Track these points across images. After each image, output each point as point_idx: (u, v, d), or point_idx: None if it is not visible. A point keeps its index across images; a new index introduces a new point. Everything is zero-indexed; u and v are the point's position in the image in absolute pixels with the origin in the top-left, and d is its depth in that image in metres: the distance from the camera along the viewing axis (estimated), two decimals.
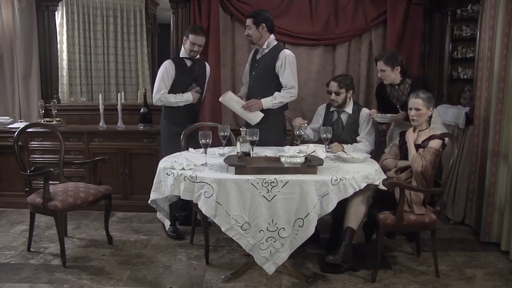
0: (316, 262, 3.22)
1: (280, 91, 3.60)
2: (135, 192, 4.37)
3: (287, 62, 3.56)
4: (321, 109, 3.79)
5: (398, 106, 3.56)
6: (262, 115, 3.60)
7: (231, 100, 3.66)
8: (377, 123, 3.69)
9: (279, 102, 3.60)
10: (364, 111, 3.64)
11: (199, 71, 3.89)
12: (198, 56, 3.84)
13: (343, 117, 3.65)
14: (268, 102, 3.59)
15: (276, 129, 3.70)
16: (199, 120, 3.95)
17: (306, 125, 3.51)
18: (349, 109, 3.63)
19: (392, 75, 3.52)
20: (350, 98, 3.63)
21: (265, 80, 3.64)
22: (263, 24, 3.59)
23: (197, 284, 2.92)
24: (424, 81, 3.79)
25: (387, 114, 3.52)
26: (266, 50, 3.65)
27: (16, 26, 4.64)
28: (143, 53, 6.16)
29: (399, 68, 3.50)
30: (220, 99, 3.71)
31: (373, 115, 3.57)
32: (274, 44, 3.66)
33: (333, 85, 3.57)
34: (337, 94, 3.56)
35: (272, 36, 3.67)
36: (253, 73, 3.75)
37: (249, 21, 3.63)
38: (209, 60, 4.55)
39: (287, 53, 3.59)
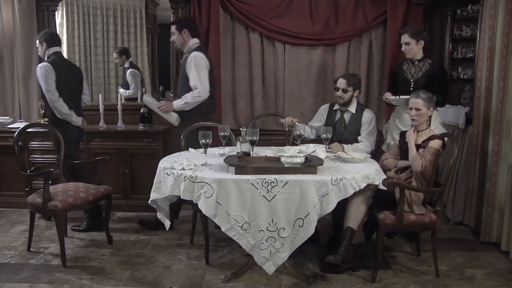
0: (316, 262, 3.22)
1: None
2: (135, 192, 4.37)
3: (193, 63, 3.65)
4: (324, 109, 3.80)
5: (411, 81, 3.59)
6: (175, 115, 3.77)
7: (147, 102, 3.89)
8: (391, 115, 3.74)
9: (184, 103, 3.70)
10: (367, 111, 3.65)
11: None
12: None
13: (346, 116, 3.65)
14: (178, 103, 3.73)
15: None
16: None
17: (297, 123, 3.51)
18: (352, 108, 3.64)
19: (416, 49, 3.59)
20: (355, 97, 3.63)
21: (183, 83, 3.75)
22: (185, 29, 3.74)
23: (197, 284, 2.92)
24: (443, 66, 3.85)
25: (401, 96, 3.52)
26: (187, 55, 3.76)
27: (16, 26, 4.64)
28: (143, 53, 6.15)
29: (422, 42, 3.59)
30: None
31: (388, 98, 3.59)
32: (193, 48, 3.75)
33: (342, 82, 3.58)
34: (344, 91, 3.57)
35: (193, 40, 3.79)
36: (178, 77, 3.90)
37: (172, 28, 3.79)
38: None
39: (193, 55, 3.68)
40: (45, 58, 3.85)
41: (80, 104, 4.02)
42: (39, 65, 3.79)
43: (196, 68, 3.64)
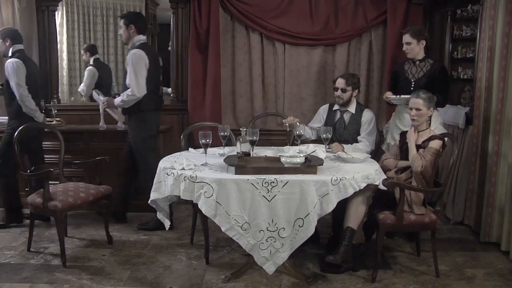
0: (316, 262, 3.22)
1: None
2: (135, 192, 4.35)
3: (130, 61, 3.65)
4: (323, 109, 3.80)
5: (412, 81, 3.59)
6: (118, 112, 3.88)
7: (95, 97, 4.01)
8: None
9: (121, 101, 3.72)
10: (367, 111, 3.65)
11: None
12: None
13: (346, 116, 3.65)
14: (117, 100, 3.75)
15: (135, 130, 3.80)
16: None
17: (298, 123, 3.51)
18: (352, 108, 3.64)
19: (417, 49, 3.59)
20: (354, 97, 3.63)
21: (125, 81, 3.76)
22: (132, 25, 3.70)
23: (197, 284, 2.92)
24: (444, 66, 3.85)
25: (401, 96, 3.52)
26: (130, 51, 3.75)
27: (16, 26, 4.63)
28: None
29: (424, 42, 3.58)
30: None
31: (389, 97, 3.59)
32: (136, 45, 3.72)
33: (340, 82, 3.58)
34: (343, 91, 3.57)
35: (139, 37, 3.76)
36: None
37: (120, 22, 3.77)
38: (209, 60, 4.56)
39: (132, 52, 3.67)
40: (9, 55, 3.87)
41: (40, 102, 4.08)
42: (9, 60, 3.81)
43: (133, 66, 3.61)
